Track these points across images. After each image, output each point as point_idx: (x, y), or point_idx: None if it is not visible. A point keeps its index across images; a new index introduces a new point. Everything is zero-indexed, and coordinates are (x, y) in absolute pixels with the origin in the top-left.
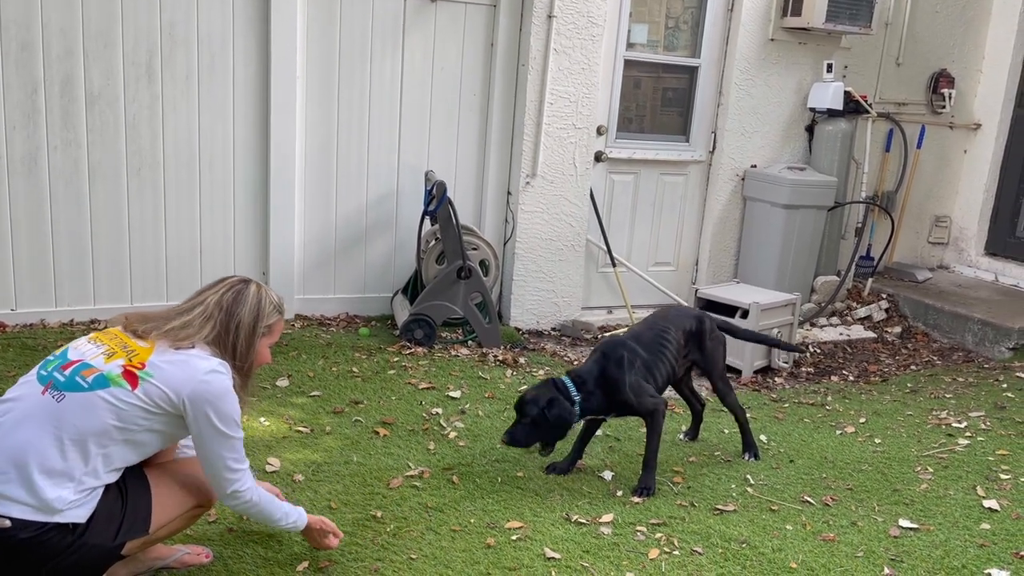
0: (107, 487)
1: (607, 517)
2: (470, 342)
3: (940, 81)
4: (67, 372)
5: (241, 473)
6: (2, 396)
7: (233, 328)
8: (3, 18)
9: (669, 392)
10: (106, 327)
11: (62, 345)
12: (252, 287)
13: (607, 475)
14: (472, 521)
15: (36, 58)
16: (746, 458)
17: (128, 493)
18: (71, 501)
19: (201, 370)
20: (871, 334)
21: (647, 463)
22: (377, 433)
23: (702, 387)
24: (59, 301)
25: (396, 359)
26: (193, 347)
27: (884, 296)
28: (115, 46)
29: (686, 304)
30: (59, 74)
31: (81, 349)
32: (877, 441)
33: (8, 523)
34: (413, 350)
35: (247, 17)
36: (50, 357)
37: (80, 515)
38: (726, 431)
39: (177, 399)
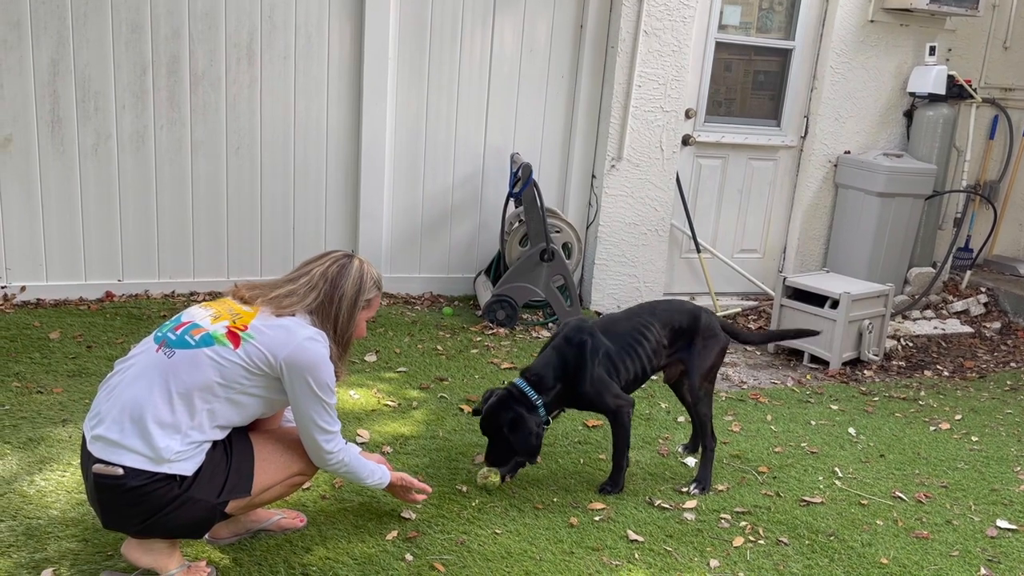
0: (214, 446)
1: (690, 503)
2: (551, 324)
3: None
4: (178, 332)
5: (333, 434)
6: (128, 353)
7: (337, 299)
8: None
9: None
10: (219, 296)
11: (165, 316)
12: (355, 262)
13: (690, 461)
14: (555, 500)
15: (145, 39)
16: (691, 489)
17: (233, 454)
18: (178, 452)
19: (299, 336)
20: (968, 329)
21: (615, 461)
22: (462, 410)
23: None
24: (161, 273)
25: (479, 339)
26: (295, 315)
27: (983, 290)
28: (218, 28)
29: (765, 290)
30: (166, 55)
31: (192, 313)
32: (974, 439)
33: (120, 471)
34: (495, 330)
35: (343, 1)
36: (165, 321)
37: (187, 468)
38: (813, 423)
39: (275, 362)
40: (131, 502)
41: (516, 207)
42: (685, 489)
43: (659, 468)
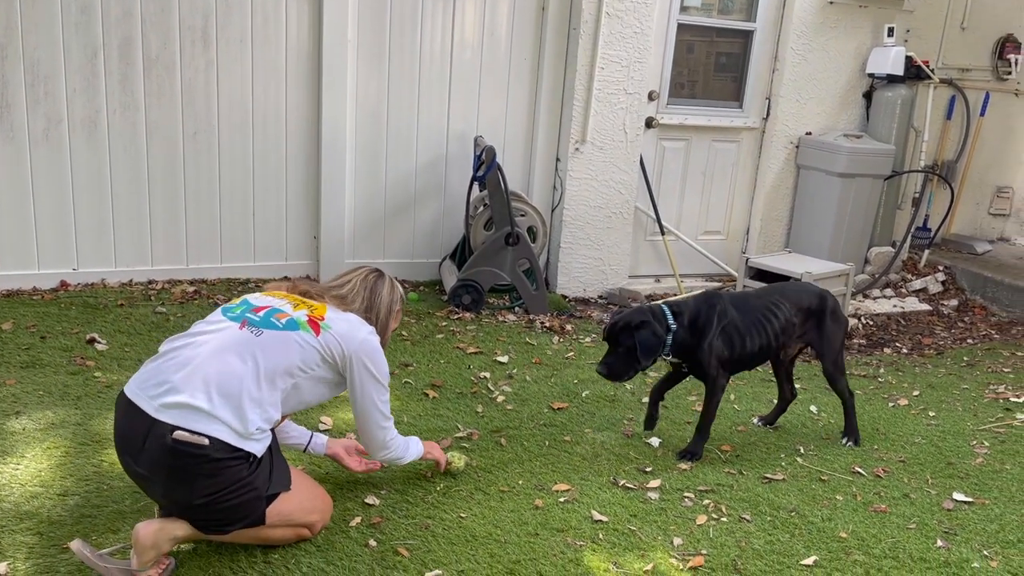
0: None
1: (654, 483)
2: (517, 308)
3: (1006, 46)
4: (260, 314)
5: (391, 422)
6: (188, 331)
7: (377, 304)
8: None
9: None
10: (265, 291)
11: (122, 304)
12: (386, 275)
13: (654, 441)
14: (520, 483)
15: (95, 21)
16: (844, 442)
17: (275, 454)
18: (259, 428)
19: (365, 330)
20: (926, 307)
21: (699, 428)
22: (427, 395)
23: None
24: (118, 262)
25: (444, 324)
26: (351, 313)
27: (941, 268)
28: (171, 10)
29: (737, 279)
30: (117, 38)
31: (264, 299)
32: (931, 414)
33: (206, 441)
34: (461, 315)
35: None
36: (230, 304)
37: (259, 449)
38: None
39: (347, 351)
40: (207, 474)
41: (480, 191)
42: (843, 441)
43: (624, 449)
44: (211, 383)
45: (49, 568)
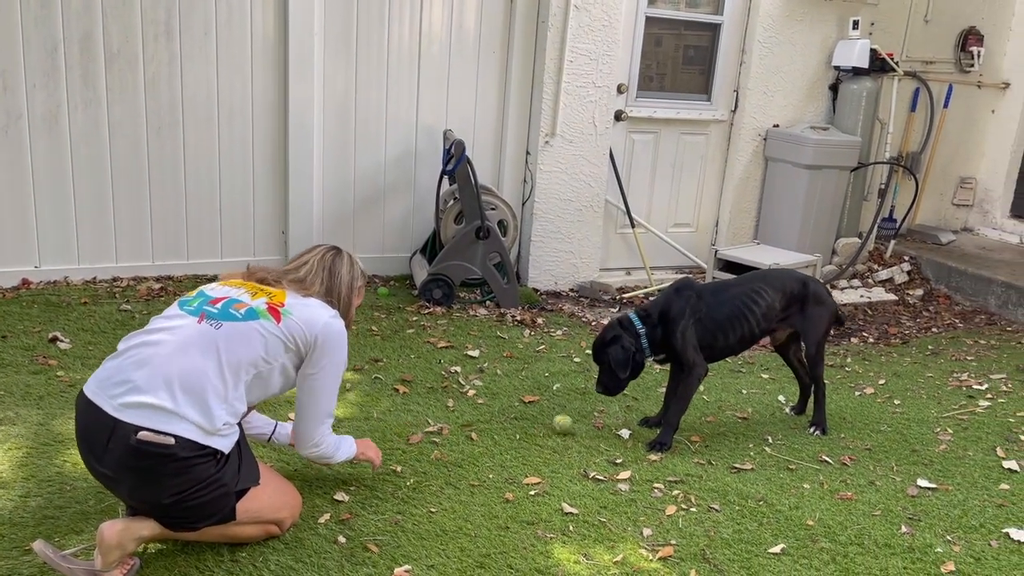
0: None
1: (624, 474)
2: (488, 302)
3: (969, 39)
4: (218, 306)
5: (331, 421)
6: (146, 327)
7: (337, 284)
8: None
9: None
10: (222, 281)
11: (86, 303)
12: (344, 252)
13: (624, 433)
14: (491, 476)
15: (55, 15)
16: (811, 431)
17: (243, 448)
18: (225, 423)
19: (328, 314)
20: (892, 296)
21: (668, 419)
22: (397, 390)
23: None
24: (81, 259)
25: (415, 318)
26: (312, 298)
27: (906, 258)
28: (133, 4)
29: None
30: (78, 32)
31: (221, 290)
32: (896, 402)
33: (172, 440)
34: (432, 310)
35: None
36: (187, 297)
37: (226, 445)
38: (744, 392)
39: (311, 336)
40: (174, 473)
41: (450, 185)
42: (811, 430)
43: (594, 441)
44: (174, 381)
45: (12, 570)
